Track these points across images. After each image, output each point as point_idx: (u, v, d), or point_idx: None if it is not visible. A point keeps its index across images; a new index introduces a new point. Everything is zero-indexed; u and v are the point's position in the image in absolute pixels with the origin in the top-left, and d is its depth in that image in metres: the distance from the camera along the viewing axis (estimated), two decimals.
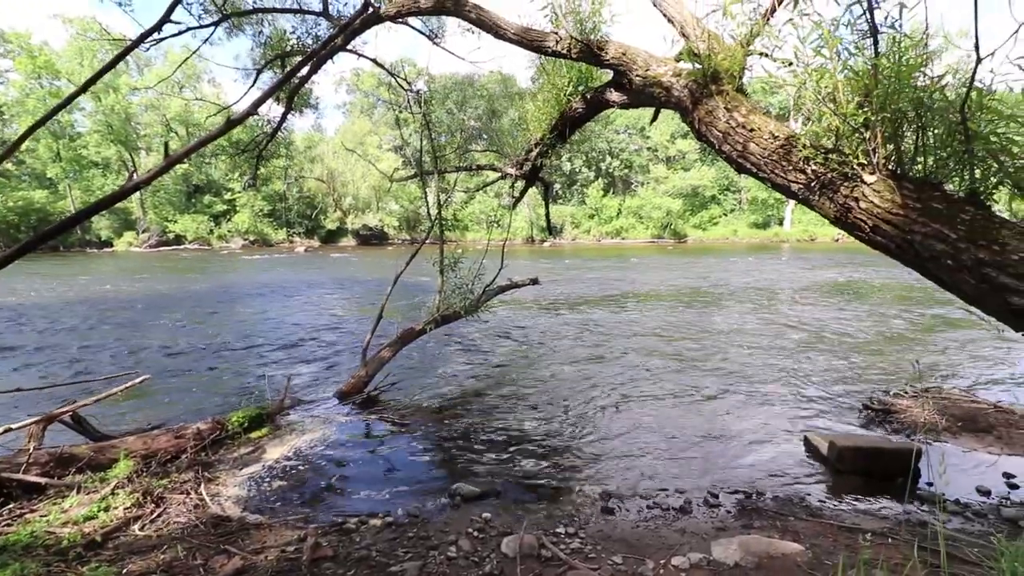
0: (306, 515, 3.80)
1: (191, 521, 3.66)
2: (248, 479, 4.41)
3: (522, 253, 37.18)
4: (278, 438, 5.24)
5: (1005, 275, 2.12)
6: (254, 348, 9.29)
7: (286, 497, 4.14)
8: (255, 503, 4.04)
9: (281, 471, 4.54)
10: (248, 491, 4.23)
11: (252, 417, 5.38)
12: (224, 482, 4.38)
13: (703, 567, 2.88)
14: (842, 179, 2.58)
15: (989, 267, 2.15)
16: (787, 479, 4.40)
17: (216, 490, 4.24)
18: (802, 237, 47.39)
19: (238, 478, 4.44)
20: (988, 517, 3.72)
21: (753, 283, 18.51)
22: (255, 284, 19.24)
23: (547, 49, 4.64)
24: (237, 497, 4.14)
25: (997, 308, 2.19)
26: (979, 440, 5.03)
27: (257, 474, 4.49)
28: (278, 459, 4.77)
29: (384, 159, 47.05)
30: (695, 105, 3.50)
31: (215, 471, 4.56)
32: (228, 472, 4.55)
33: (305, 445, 5.06)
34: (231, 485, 4.33)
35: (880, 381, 7.04)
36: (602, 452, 4.97)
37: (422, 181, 7.23)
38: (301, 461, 4.74)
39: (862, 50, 2.67)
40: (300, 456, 4.83)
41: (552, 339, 9.98)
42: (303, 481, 4.39)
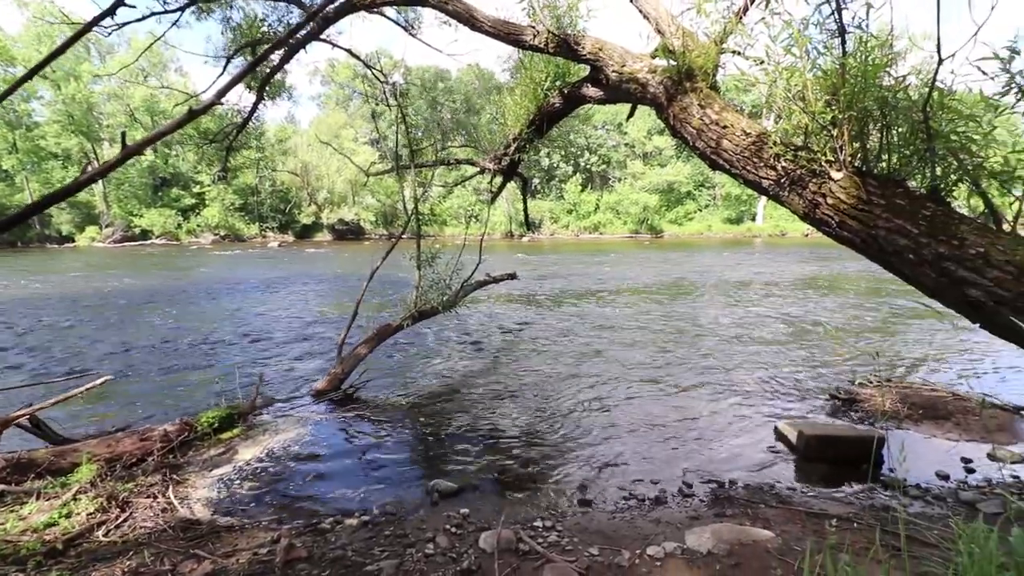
0: (279, 516, 3.73)
1: (158, 525, 3.56)
2: (218, 481, 4.31)
3: (501, 248, 37.14)
4: (250, 438, 5.13)
5: (963, 269, 2.20)
6: (225, 346, 9.06)
7: (259, 498, 4.05)
8: (226, 505, 3.95)
9: (253, 472, 4.45)
10: (219, 493, 4.13)
11: (222, 417, 5.25)
12: (193, 485, 4.27)
13: (677, 556, 2.93)
14: (811, 176, 2.64)
15: (949, 261, 2.22)
16: (758, 467, 4.51)
17: (185, 493, 4.13)
18: (773, 232, 48.54)
19: (208, 480, 4.33)
20: (947, 500, 3.88)
21: (727, 277, 18.88)
22: (226, 280, 18.77)
23: (524, 43, 4.62)
24: (207, 500, 4.04)
25: (956, 300, 2.28)
26: (938, 427, 5.24)
27: (228, 476, 4.39)
28: (250, 460, 4.67)
29: (360, 152, 46.36)
30: (670, 102, 3.53)
31: (184, 474, 4.44)
32: (197, 474, 4.44)
33: (278, 445, 4.97)
34: (201, 488, 4.22)
35: (846, 371, 7.27)
36: (579, 445, 5.01)
37: (398, 175, 7.13)
38: (274, 461, 4.65)
39: (830, 49, 2.73)
40: (273, 456, 4.74)
41: (530, 334, 10.01)
42: (276, 481, 4.30)
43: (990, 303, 2.14)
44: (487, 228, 13.25)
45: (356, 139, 52.48)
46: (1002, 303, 2.12)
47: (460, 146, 10.38)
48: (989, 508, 3.65)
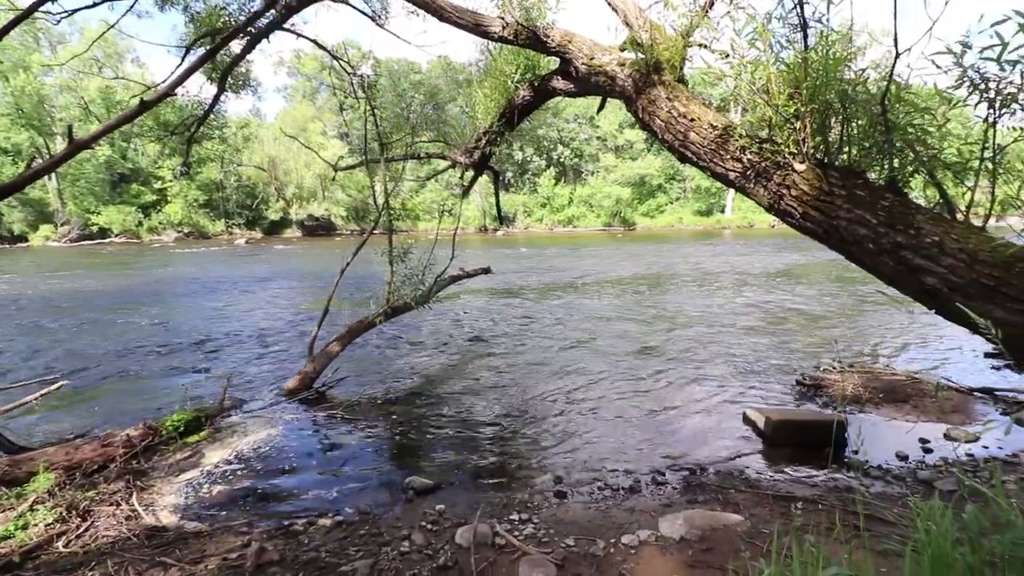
0: (250, 519, 3.64)
1: (122, 534, 3.44)
2: (186, 486, 4.18)
3: (475, 242, 37.01)
4: (218, 441, 4.99)
5: (920, 257, 2.28)
6: (191, 348, 8.78)
7: (228, 502, 3.95)
8: (194, 510, 3.84)
9: (222, 475, 4.33)
10: (186, 498, 4.01)
11: (189, 420, 5.09)
12: (159, 491, 4.13)
13: (651, 543, 2.98)
14: (775, 168, 2.70)
15: (906, 250, 2.30)
16: (728, 454, 4.62)
17: (150, 499, 4.00)
18: (742, 224, 49.67)
19: (174, 485, 4.20)
20: (906, 480, 4.05)
21: (697, 269, 19.25)
22: (190, 279, 18.18)
23: (493, 34, 4.58)
24: (174, 505, 3.92)
25: (913, 288, 2.36)
26: (898, 409, 5.46)
27: (196, 480, 4.26)
28: (218, 463, 4.54)
29: (329, 146, 45.39)
30: (638, 94, 3.55)
31: (149, 479, 4.29)
32: (163, 480, 4.30)
33: (248, 447, 4.84)
34: (167, 493, 4.09)
35: (812, 357, 7.50)
36: (555, 438, 5.04)
37: (368, 169, 7.00)
38: (244, 464, 4.53)
39: (793, 44, 2.79)
40: (243, 459, 4.62)
41: (504, 328, 10.01)
42: (247, 484, 4.20)
43: (945, 290, 2.23)
44: (460, 222, 13.18)
45: (325, 133, 51.32)
46: (955, 289, 2.21)
47: (430, 140, 10.26)
48: (945, 486, 3.82)
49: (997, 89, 2.33)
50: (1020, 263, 2.09)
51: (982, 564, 1.69)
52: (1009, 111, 2.37)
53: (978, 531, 1.78)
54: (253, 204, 47.61)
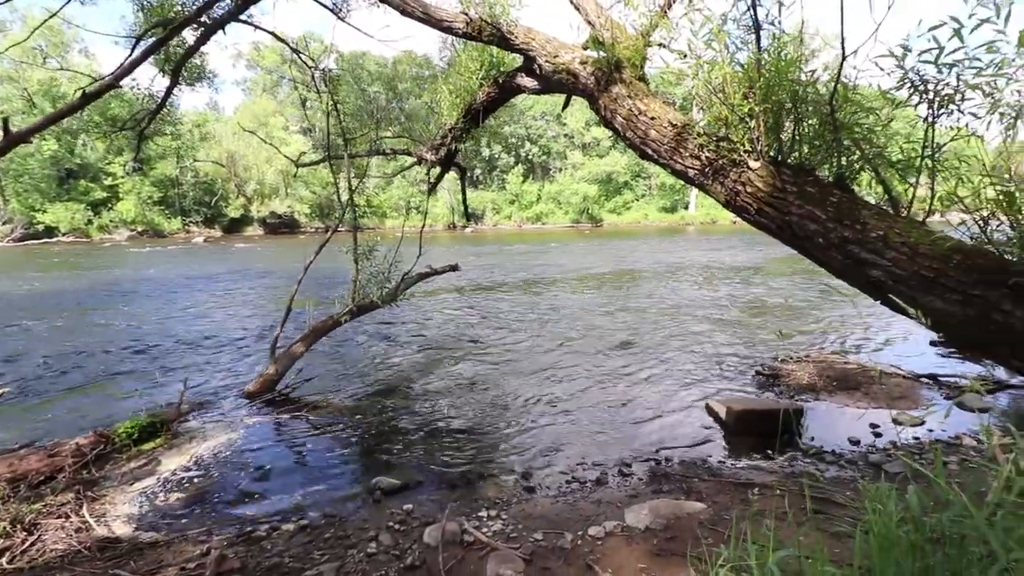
0: (210, 527, 3.52)
1: (72, 547, 3.28)
2: (140, 495, 4.02)
3: (443, 240, 36.74)
4: (176, 447, 4.81)
5: (865, 251, 2.38)
6: (146, 351, 8.41)
7: (186, 510, 3.81)
8: (150, 520, 3.69)
9: (179, 483, 4.17)
10: (141, 508, 3.85)
11: (143, 426, 4.88)
12: (112, 501, 3.96)
13: (617, 534, 3.03)
14: (731, 165, 2.77)
15: (853, 244, 2.41)
16: (692, 444, 4.74)
17: (102, 510, 3.83)
18: (705, 220, 50.96)
19: (128, 495, 4.03)
20: (858, 464, 4.25)
21: (662, 264, 19.65)
22: (145, 280, 17.41)
23: (456, 30, 4.54)
24: (128, 515, 3.76)
25: (859, 280, 2.47)
26: (850, 396, 5.72)
27: (151, 488, 4.10)
28: (176, 470, 4.37)
29: (291, 142, 44.21)
30: (600, 92, 3.59)
31: (101, 489, 4.10)
32: (116, 489, 4.12)
33: (207, 452, 4.68)
34: (120, 503, 3.92)
35: (772, 348, 7.77)
36: (524, 434, 5.07)
37: (330, 166, 6.85)
38: (203, 470, 4.38)
39: (747, 45, 2.87)
40: (202, 465, 4.47)
41: (472, 326, 9.99)
42: (206, 491, 4.06)
43: (889, 282, 2.34)
44: (428, 219, 13.05)
45: (287, 127, 49.94)
46: (898, 281, 2.32)
47: (396, 135, 10.11)
48: (893, 468, 4.02)
49: (935, 90, 2.45)
50: (957, 255, 2.21)
51: (924, 541, 1.78)
52: (947, 111, 2.50)
53: (920, 511, 1.88)
54: (212, 201, 45.92)
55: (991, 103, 2.34)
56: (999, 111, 2.33)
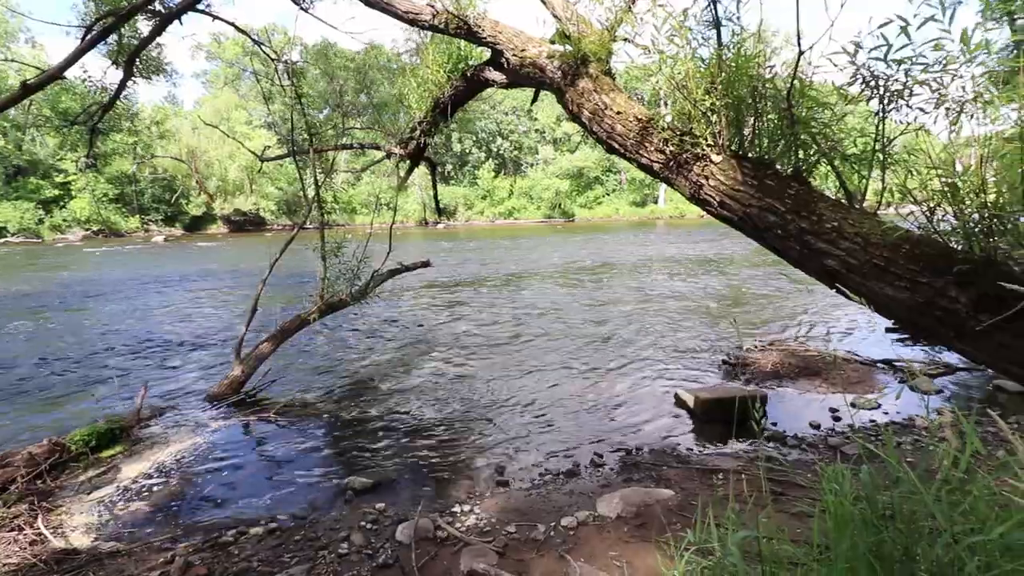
0: (174, 534, 3.42)
1: (26, 560, 3.14)
2: (99, 504, 3.87)
3: (415, 236, 36.39)
4: (136, 454, 4.64)
5: (821, 241, 2.46)
6: (104, 355, 8.08)
7: (149, 518, 3.69)
8: (110, 529, 3.56)
9: (141, 490, 4.03)
10: (100, 517, 3.71)
11: (101, 433, 4.70)
12: (69, 511, 3.80)
13: (589, 524, 3.08)
14: (694, 159, 2.83)
15: (809, 235, 2.49)
16: (662, 433, 4.85)
17: (59, 521, 3.67)
18: (674, 214, 51.88)
19: (86, 504, 3.87)
20: (818, 447, 4.42)
21: (633, 257, 19.94)
22: (101, 281, 16.68)
23: (423, 22, 4.49)
24: (87, 526, 3.62)
25: (816, 270, 2.55)
26: (811, 382, 5.94)
27: (110, 497, 3.95)
28: (137, 477, 4.22)
29: (255, 137, 42.93)
30: (567, 87, 3.60)
31: (56, 500, 3.93)
32: (73, 499, 3.95)
33: (170, 458, 4.53)
34: (78, 513, 3.77)
35: (740, 338, 7.98)
36: (497, 428, 5.08)
37: (295, 161, 6.69)
38: (166, 476, 4.24)
39: (708, 41, 2.92)
40: (164, 471, 4.32)
41: (445, 322, 9.94)
42: (170, 498, 3.94)
43: (843, 271, 2.43)
44: (399, 215, 12.88)
45: (250, 122, 48.47)
46: (852, 270, 2.41)
47: (364, 127, 9.93)
48: (851, 450, 4.21)
49: (885, 86, 2.55)
50: (906, 245, 2.30)
51: (877, 518, 1.87)
52: (896, 106, 2.60)
53: (873, 489, 1.96)
54: (172, 198, 44.23)
55: (937, 98, 2.44)
56: (945, 106, 2.43)
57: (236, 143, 8.99)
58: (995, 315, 1.98)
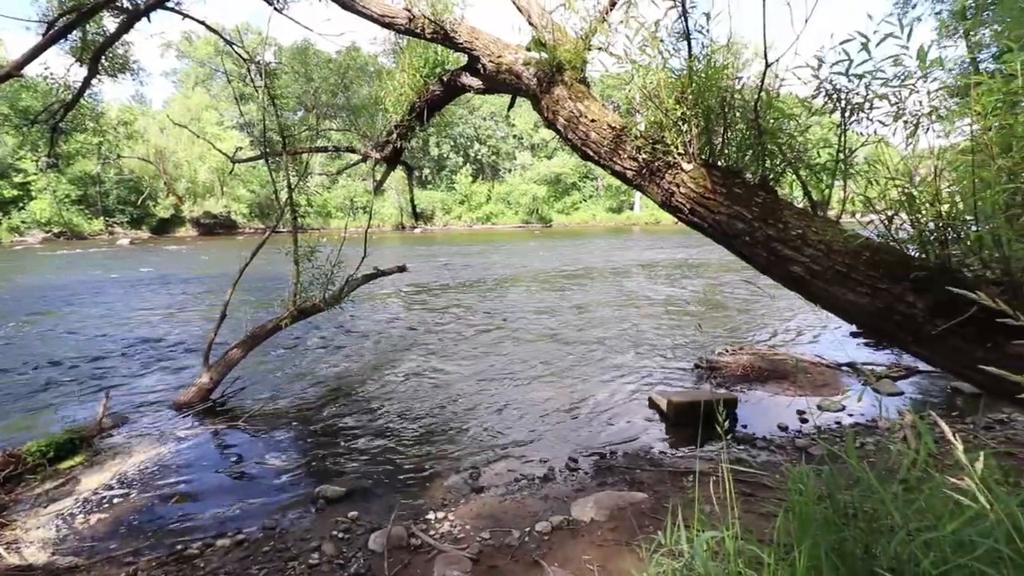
0: (137, 548, 3.30)
1: None
2: (57, 518, 3.70)
3: (392, 240, 36.08)
4: (97, 465, 4.47)
5: (787, 248, 2.54)
6: (63, 362, 7.75)
7: (110, 531, 3.55)
8: (69, 544, 3.42)
9: (101, 502, 3.88)
10: (58, 532, 3.56)
11: (60, 444, 4.51)
12: (23, 525, 3.63)
13: (563, 528, 3.09)
14: (666, 167, 2.88)
15: (776, 242, 2.56)
16: (635, 436, 4.90)
17: (13, 536, 3.51)
18: (650, 220, 52.66)
19: (44, 518, 3.71)
20: (786, 448, 4.53)
21: (609, 263, 20.16)
22: (62, 286, 16.03)
23: (399, 26, 4.48)
24: (43, 540, 3.46)
25: (782, 276, 2.63)
26: (779, 386, 6.09)
27: (69, 510, 3.79)
28: (97, 489, 4.06)
29: (227, 138, 41.99)
30: (543, 94, 3.63)
31: (11, 514, 3.76)
32: (30, 513, 3.78)
33: (133, 468, 4.37)
34: (34, 528, 3.60)
35: (710, 342, 8.14)
36: (472, 435, 5.06)
37: (267, 163, 6.57)
38: (128, 487, 4.09)
39: (679, 52, 2.99)
40: (126, 482, 4.17)
41: (420, 328, 9.87)
42: (132, 510, 3.79)
43: (807, 276, 2.50)
44: (375, 219, 12.77)
45: (222, 123, 47.42)
46: (816, 276, 2.49)
47: (340, 130, 9.82)
48: (816, 451, 4.32)
49: (847, 99, 2.65)
50: (866, 252, 2.39)
51: (838, 517, 1.93)
52: (857, 119, 2.71)
53: (835, 489, 2.02)
54: (138, 200, 42.84)
55: (896, 112, 2.54)
56: (903, 119, 2.54)
57: (207, 144, 8.78)
58: (949, 320, 2.07)
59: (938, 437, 2.28)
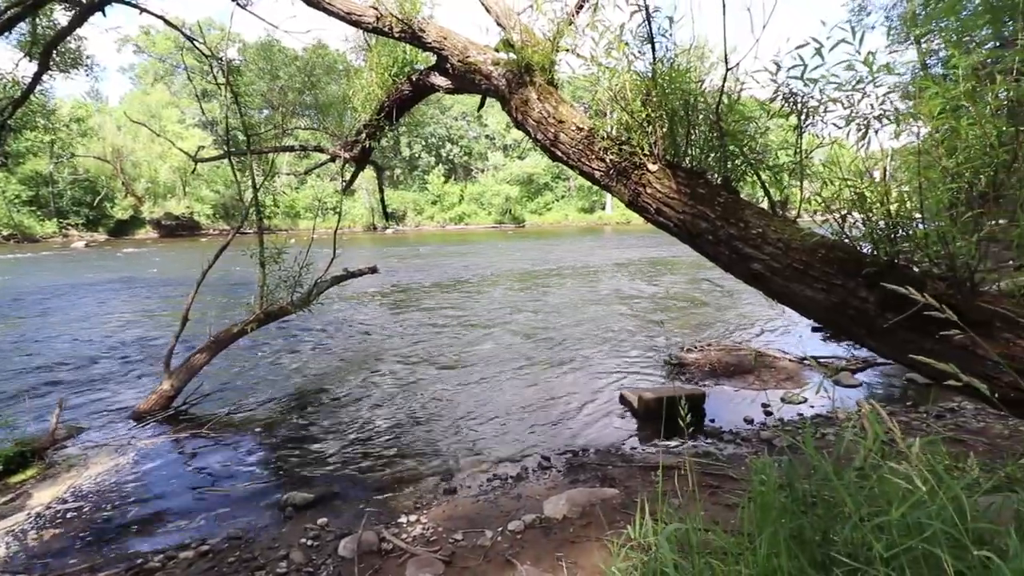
0: (93, 563, 3.16)
1: None
2: (7, 535, 3.52)
3: (364, 241, 35.57)
4: (50, 478, 4.26)
5: (748, 247, 2.62)
6: (12, 371, 7.36)
7: (65, 547, 3.39)
8: (19, 562, 3.25)
9: (55, 517, 3.70)
10: (8, 549, 3.38)
11: (9, 457, 4.29)
12: None
13: (536, 526, 3.11)
14: (633, 167, 2.93)
15: (737, 240, 2.63)
16: (607, 433, 4.96)
17: None
18: (621, 220, 53.37)
19: None
20: (751, 441, 4.66)
21: (582, 262, 20.35)
22: (13, 290, 15.22)
23: (365, 24, 4.42)
24: None
25: (744, 273, 2.71)
26: (744, 380, 6.26)
27: (20, 526, 3.60)
28: (50, 503, 3.87)
29: (189, 136, 40.67)
30: (512, 94, 3.64)
31: None
32: None
33: (89, 481, 4.19)
34: None
35: (681, 339, 8.31)
36: (445, 436, 5.03)
37: (231, 163, 6.39)
38: (84, 501, 3.91)
39: (644, 55, 3.05)
40: (82, 495, 3.99)
41: (392, 329, 9.76)
42: (88, 524, 3.63)
43: (767, 274, 2.58)
44: (346, 220, 12.58)
45: (183, 120, 45.89)
46: (775, 273, 2.57)
47: (307, 129, 9.63)
48: (780, 442, 4.46)
49: (802, 103, 2.75)
50: (822, 249, 2.48)
51: (797, 505, 2.00)
52: (812, 122, 2.80)
53: (794, 478, 2.09)
54: (94, 201, 41.10)
55: (849, 115, 2.64)
56: (855, 122, 2.64)
57: (167, 143, 8.46)
58: (899, 314, 2.17)
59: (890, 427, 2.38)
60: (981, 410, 4.76)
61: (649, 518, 1.88)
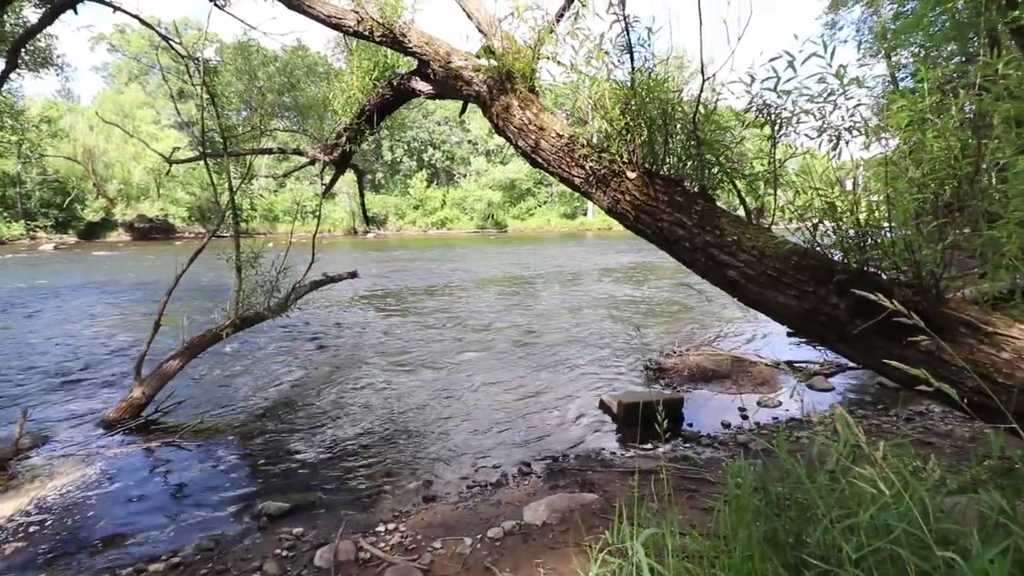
0: None
1: None
2: None
3: (344, 246, 35.19)
4: (13, 489, 4.10)
5: (723, 254, 2.67)
6: None
7: (27, 561, 3.26)
8: None
9: (17, 531, 3.55)
10: None
11: None
12: None
13: (515, 533, 3.09)
14: (612, 175, 2.97)
15: (713, 248, 2.68)
16: (587, 438, 4.98)
17: None
18: (602, 226, 53.77)
19: None
20: (729, 445, 4.72)
21: (563, 267, 20.46)
22: None
23: (346, 28, 4.40)
24: None
25: (719, 280, 2.76)
26: (722, 385, 6.36)
27: None
28: (13, 516, 3.72)
29: (164, 137, 39.81)
30: (493, 101, 3.66)
31: None
32: None
33: (53, 492, 4.04)
34: None
35: (659, 343, 8.40)
36: (424, 443, 4.99)
37: (207, 164, 6.27)
38: (48, 513, 3.77)
39: (623, 64, 3.09)
40: (46, 507, 3.84)
41: (371, 334, 9.67)
42: (52, 537, 3.50)
43: (742, 280, 2.63)
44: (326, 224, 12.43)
45: (158, 121, 44.92)
46: (750, 280, 2.62)
47: (286, 131, 9.51)
48: (756, 446, 4.52)
49: (776, 114, 2.82)
50: (795, 257, 2.54)
51: (771, 507, 2.03)
52: (785, 132, 2.87)
53: (768, 481, 2.13)
54: (64, 203, 39.89)
55: (821, 126, 2.71)
56: (827, 133, 2.71)
57: (141, 143, 8.26)
58: (868, 320, 2.23)
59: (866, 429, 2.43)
60: (948, 413, 4.90)
61: (627, 523, 1.89)
